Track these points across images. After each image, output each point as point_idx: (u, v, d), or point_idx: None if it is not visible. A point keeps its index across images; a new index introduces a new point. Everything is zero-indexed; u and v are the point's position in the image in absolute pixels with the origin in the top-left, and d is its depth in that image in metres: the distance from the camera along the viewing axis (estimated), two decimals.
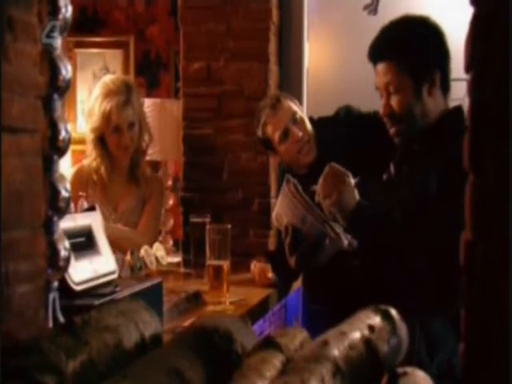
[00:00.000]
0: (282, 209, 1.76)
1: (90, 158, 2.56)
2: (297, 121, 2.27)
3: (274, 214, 1.81)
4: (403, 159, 1.78)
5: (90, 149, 2.55)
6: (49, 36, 1.03)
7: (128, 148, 2.53)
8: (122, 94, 2.49)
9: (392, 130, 1.76)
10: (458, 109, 1.76)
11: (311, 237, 1.68)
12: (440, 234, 1.54)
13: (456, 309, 0.87)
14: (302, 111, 2.36)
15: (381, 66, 1.74)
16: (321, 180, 1.76)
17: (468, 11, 0.78)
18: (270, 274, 2.21)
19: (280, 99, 2.30)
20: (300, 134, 2.25)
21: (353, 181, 1.77)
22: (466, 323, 0.78)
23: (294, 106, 2.32)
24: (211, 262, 2.12)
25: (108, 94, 2.48)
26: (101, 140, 2.52)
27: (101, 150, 2.52)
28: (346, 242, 1.65)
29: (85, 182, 2.54)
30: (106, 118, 2.47)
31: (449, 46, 1.74)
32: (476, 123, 0.77)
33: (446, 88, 1.74)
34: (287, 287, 2.37)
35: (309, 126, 2.30)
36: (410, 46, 1.72)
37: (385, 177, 1.85)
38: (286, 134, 2.26)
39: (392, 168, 1.83)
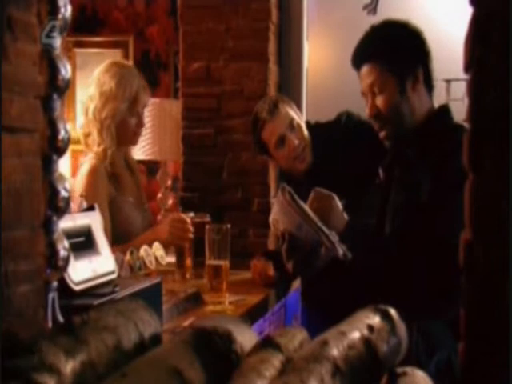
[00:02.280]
0: (277, 215, 1.77)
1: (101, 150, 2.35)
2: (294, 128, 2.25)
3: (270, 219, 1.82)
4: (394, 163, 1.78)
5: (99, 138, 2.34)
6: (49, 36, 1.03)
7: (142, 132, 2.46)
8: (137, 77, 2.42)
9: (382, 134, 1.78)
10: (445, 107, 1.77)
11: (307, 244, 1.69)
12: (435, 235, 1.54)
13: (454, 310, 0.87)
14: (299, 116, 2.35)
15: (364, 69, 1.77)
16: (307, 206, 1.77)
17: (467, 11, 0.78)
18: (271, 272, 2.20)
19: (278, 104, 2.27)
20: (296, 141, 2.24)
21: (339, 202, 1.78)
22: (465, 323, 0.78)
23: (292, 112, 2.30)
24: (211, 261, 2.12)
25: (126, 76, 2.38)
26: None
27: (114, 137, 2.36)
28: (340, 253, 1.66)
29: (106, 178, 2.36)
30: (134, 98, 2.37)
31: (429, 46, 1.77)
32: (475, 123, 0.77)
33: (429, 86, 1.77)
34: (288, 286, 2.37)
35: (305, 132, 2.29)
36: (391, 45, 1.76)
37: (376, 182, 1.86)
38: (282, 140, 2.24)
39: (381, 172, 1.83)
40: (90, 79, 2.46)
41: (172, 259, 2.67)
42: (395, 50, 1.75)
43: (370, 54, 1.76)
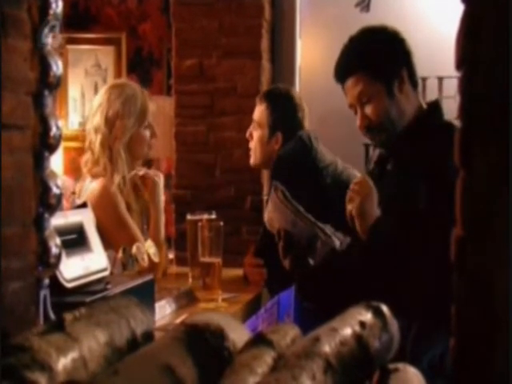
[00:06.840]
0: (272, 213, 1.79)
1: (116, 174, 2.25)
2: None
3: (265, 218, 1.83)
4: (386, 157, 1.79)
5: (110, 165, 2.25)
6: (47, 36, 1.02)
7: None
8: (140, 90, 2.37)
9: (375, 142, 1.78)
10: (434, 104, 1.78)
11: (303, 240, 1.71)
12: (429, 234, 1.55)
13: (445, 307, 0.87)
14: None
15: (349, 82, 1.76)
16: (350, 185, 1.75)
17: (459, 8, 0.78)
18: (263, 273, 2.21)
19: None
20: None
21: (376, 198, 1.76)
22: (456, 320, 0.78)
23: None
24: (204, 259, 2.11)
25: (129, 92, 2.32)
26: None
27: (123, 159, 2.28)
28: (337, 243, 1.66)
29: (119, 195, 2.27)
30: (142, 111, 2.29)
31: (409, 45, 1.77)
32: (467, 120, 0.78)
33: (414, 84, 1.77)
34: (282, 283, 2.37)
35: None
36: (374, 54, 1.75)
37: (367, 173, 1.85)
38: None
39: (374, 166, 1.84)
40: (91, 109, 2.34)
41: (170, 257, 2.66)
42: (378, 57, 1.75)
43: (354, 67, 1.75)
